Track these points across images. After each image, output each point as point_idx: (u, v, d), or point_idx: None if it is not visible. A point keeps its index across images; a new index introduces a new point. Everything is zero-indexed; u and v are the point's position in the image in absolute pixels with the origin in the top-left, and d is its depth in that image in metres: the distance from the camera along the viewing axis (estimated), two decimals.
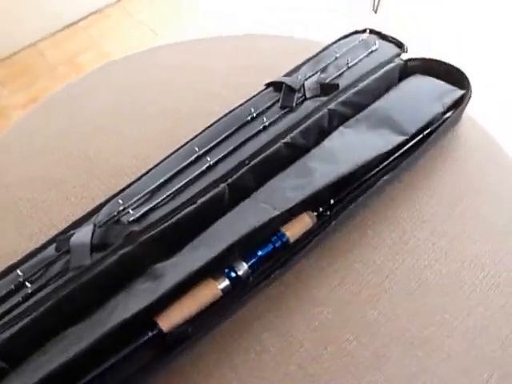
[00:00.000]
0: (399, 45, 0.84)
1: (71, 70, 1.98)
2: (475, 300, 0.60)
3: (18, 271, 0.61)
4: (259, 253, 0.62)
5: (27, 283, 0.60)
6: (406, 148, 0.70)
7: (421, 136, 0.71)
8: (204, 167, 0.69)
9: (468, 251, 0.65)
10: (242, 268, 0.60)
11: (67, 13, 2.14)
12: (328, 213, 0.66)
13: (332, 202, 0.66)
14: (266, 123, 0.73)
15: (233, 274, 0.59)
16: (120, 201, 0.67)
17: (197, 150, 0.71)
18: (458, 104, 0.75)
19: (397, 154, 0.69)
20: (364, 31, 0.87)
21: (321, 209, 0.65)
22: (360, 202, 0.66)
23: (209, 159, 0.69)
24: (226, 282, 0.59)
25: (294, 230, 0.63)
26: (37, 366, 0.54)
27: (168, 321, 0.56)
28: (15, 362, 0.56)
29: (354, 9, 1.95)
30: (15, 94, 1.96)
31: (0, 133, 0.88)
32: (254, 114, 0.74)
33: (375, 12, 1.40)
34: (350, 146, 0.70)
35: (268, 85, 0.79)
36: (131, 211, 0.65)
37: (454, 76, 0.79)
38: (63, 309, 0.58)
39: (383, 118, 0.73)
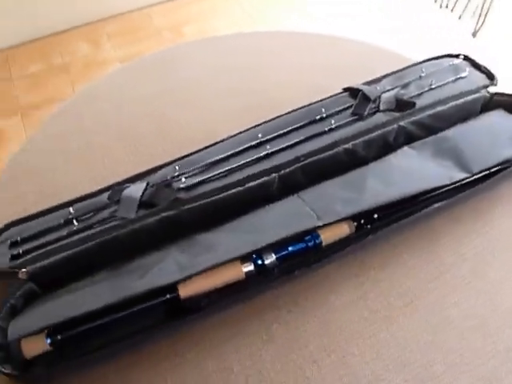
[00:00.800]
0: (490, 76, 0.78)
1: (175, 37, 2.04)
2: (493, 352, 0.55)
3: (71, 209, 0.64)
4: (290, 248, 0.60)
5: (75, 221, 0.63)
6: (463, 183, 0.66)
7: (482, 175, 0.66)
8: (262, 154, 0.68)
9: (502, 300, 0.60)
10: (270, 258, 0.59)
11: None
12: (368, 226, 0.63)
13: (375, 216, 0.64)
14: (333, 126, 0.71)
15: (259, 262, 0.58)
16: (177, 167, 0.68)
17: (260, 136, 0.70)
18: None
19: (452, 186, 0.65)
20: (457, 56, 0.83)
21: (362, 220, 0.64)
22: (403, 223, 0.63)
23: (268, 147, 0.69)
24: (251, 267, 0.58)
25: (329, 234, 0.61)
26: (63, 304, 0.56)
27: (187, 290, 0.56)
28: (47, 289, 0.59)
29: (453, 30, 1.84)
30: (117, 48, 2.05)
31: (93, 81, 0.93)
32: (324, 115, 0.73)
33: (474, 36, 1.30)
34: (410, 171, 0.66)
35: (345, 89, 0.78)
36: (183, 179, 0.66)
37: None
38: (100, 253, 0.60)
39: (451, 149, 0.69)
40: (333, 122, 0.71)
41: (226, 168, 0.67)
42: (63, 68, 1.97)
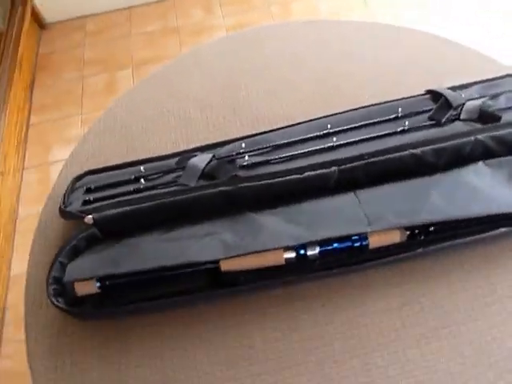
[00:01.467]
0: None
1: (281, 13, 2.00)
2: None
3: (142, 167, 0.66)
4: (335, 245, 0.57)
5: (142, 179, 0.65)
6: None
7: None
8: (326, 145, 0.65)
9: None
10: (314, 250, 0.56)
11: None
12: (422, 237, 0.59)
13: (431, 229, 0.59)
14: (406, 127, 0.65)
15: (302, 251, 0.56)
16: (243, 144, 0.67)
17: (329, 127, 0.67)
18: None
19: None
20: None
21: (416, 230, 0.59)
22: (459, 242, 0.58)
23: (335, 140, 0.66)
24: (293, 255, 0.56)
25: (378, 238, 0.57)
26: (117, 257, 0.58)
27: (228, 264, 0.56)
28: (108, 237, 0.61)
29: None
30: (227, 16, 2.05)
31: (194, 47, 0.94)
32: (399, 115, 0.67)
33: None
34: (480, 190, 0.59)
35: (428, 91, 0.71)
36: (247, 157, 0.65)
37: None
38: (158, 213, 0.61)
39: None
40: (407, 123, 0.65)
41: (289, 153, 0.65)
42: (175, 30, 2.03)
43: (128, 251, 0.58)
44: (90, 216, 0.60)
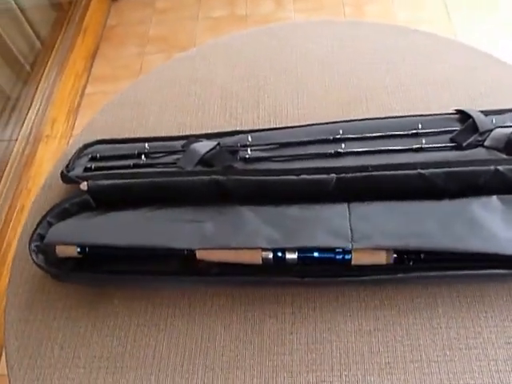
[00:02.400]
0: None
1: (354, 14, 1.97)
2: None
3: (146, 144, 0.68)
4: (315, 254, 0.55)
5: (143, 156, 0.66)
6: None
7: None
8: (333, 151, 0.64)
9: None
10: (292, 255, 0.55)
11: None
12: (410, 263, 0.56)
13: (422, 256, 0.57)
14: (422, 146, 0.62)
15: (279, 254, 0.55)
16: (250, 138, 0.67)
17: (340, 132, 0.65)
18: None
19: None
20: None
21: (405, 255, 0.57)
22: (451, 275, 0.54)
23: (343, 146, 0.64)
24: (270, 256, 0.55)
25: (362, 255, 0.54)
26: (102, 228, 0.60)
27: (203, 253, 0.56)
28: (101, 206, 0.64)
29: None
30: (298, 11, 2.04)
31: (226, 35, 0.95)
32: (418, 131, 0.64)
33: None
34: (483, 226, 0.54)
35: (457, 111, 0.67)
36: (249, 150, 0.65)
37: None
38: (150, 192, 0.62)
39: None
40: (424, 141, 0.62)
41: (292, 153, 0.64)
42: (242, 18, 2.06)
43: (110, 224, 0.60)
44: (85, 183, 0.63)
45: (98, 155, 0.69)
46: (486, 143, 0.62)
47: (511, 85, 0.74)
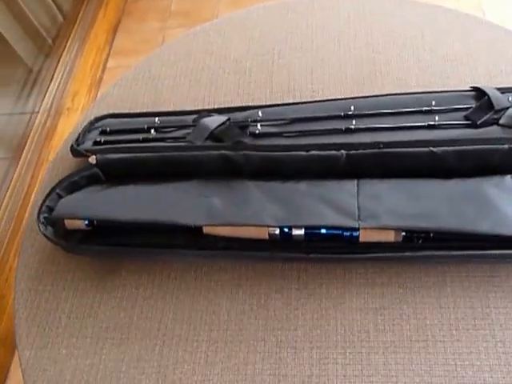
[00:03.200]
0: None
1: None
2: None
3: (156, 119, 0.68)
4: (322, 231, 0.55)
5: (153, 130, 0.66)
6: None
7: None
8: (343, 127, 0.63)
9: None
10: (299, 231, 0.55)
11: None
12: (419, 241, 0.55)
13: (432, 235, 0.56)
14: (436, 123, 0.61)
15: (286, 230, 0.55)
16: (260, 113, 0.66)
17: (352, 109, 0.64)
18: None
19: None
20: None
21: (415, 234, 0.56)
22: (460, 254, 0.54)
23: (354, 123, 0.63)
24: (276, 231, 0.55)
25: (370, 233, 0.54)
26: (111, 203, 0.61)
27: (211, 229, 0.57)
28: (109, 180, 0.64)
29: None
30: None
31: (243, 9, 0.93)
32: (432, 108, 0.63)
33: None
34: (496, 207, 0.54)
35: (473, 88, 0.65)
36: (259, 126, 0.64)
37: None
38: (159, 166, 0.63)
39: None
40: (437, 118, 0.61)
41: (302, 129, 0.64)
42: None
43: (118, 198, 0.60)
44: (94, 156, 0.64)
45: (107, 129, 0.69)
46: (501, 121, 0.60)
47: None
